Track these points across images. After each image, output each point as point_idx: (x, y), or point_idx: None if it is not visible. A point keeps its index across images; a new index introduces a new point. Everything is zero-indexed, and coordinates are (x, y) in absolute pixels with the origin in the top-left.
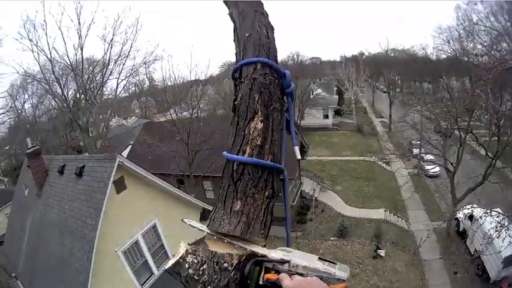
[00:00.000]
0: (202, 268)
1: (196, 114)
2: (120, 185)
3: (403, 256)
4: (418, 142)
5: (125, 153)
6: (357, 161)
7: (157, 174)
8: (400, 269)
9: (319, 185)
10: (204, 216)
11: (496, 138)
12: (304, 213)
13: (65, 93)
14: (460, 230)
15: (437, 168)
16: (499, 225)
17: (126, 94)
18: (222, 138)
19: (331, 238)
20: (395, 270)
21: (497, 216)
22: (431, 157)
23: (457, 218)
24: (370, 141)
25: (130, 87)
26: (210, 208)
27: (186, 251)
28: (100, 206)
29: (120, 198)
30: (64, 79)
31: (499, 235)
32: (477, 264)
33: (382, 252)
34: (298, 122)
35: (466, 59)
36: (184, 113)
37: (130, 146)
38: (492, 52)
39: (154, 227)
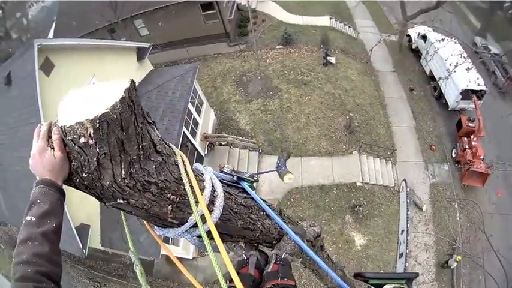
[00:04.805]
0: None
1: None
2: (47, 66)
3: (355, 64)
4: None
5: (52, 30)
6: None
7: (85, 34)
8: (353, 77)
9: None
10: (140, 55)
11: None
12: (245, 26)
13: None
14: (413, 47)
15: None
16: (459, 56)
17: None
18: None
19: (277, 47)
20: (348, 78)
21: (455, 43)
22: None
23: (408, 34)
24: None
25: None
26: (146, 45)
27: None
28: (35, 100)
29: (52, 78)
30: None
31: (458, 67)
32: (434, 86)
33: (332, 60)
34: None
35: None
36: None
37: (54, 23)
38: None
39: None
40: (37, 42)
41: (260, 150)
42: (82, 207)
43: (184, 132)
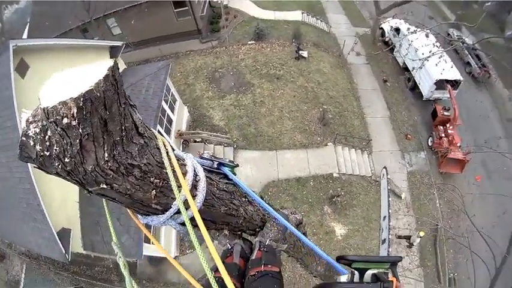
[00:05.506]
0: (47, 137)
1: None
2: (22, 68)
3: (327, 58)
4: None
5: (26, 32)
6: None
7: (59, 35)
8: (325, 70)
9: None
10: (112, 54)
11: None
12: (216, 22)
13: None
14: (386, 40)
15: None
16: (432, 46)
17: None
18: None
19: (249, 42)
20: (320, 71)
21: (427, 35)
22: None
23: (381, 27)
24: None
25: None
26: (118, 44)
27: (27, 120)
28: (11, 103)
29: (27, 79)
30: None
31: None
32: (407, 78)
33: (304, 53)
34: None
35: None
36: None
37: (28, 24)
38: None
39: None
40: (12, 43)
41: (235, 146)
42: (61, 210)
43: (158, 130)
